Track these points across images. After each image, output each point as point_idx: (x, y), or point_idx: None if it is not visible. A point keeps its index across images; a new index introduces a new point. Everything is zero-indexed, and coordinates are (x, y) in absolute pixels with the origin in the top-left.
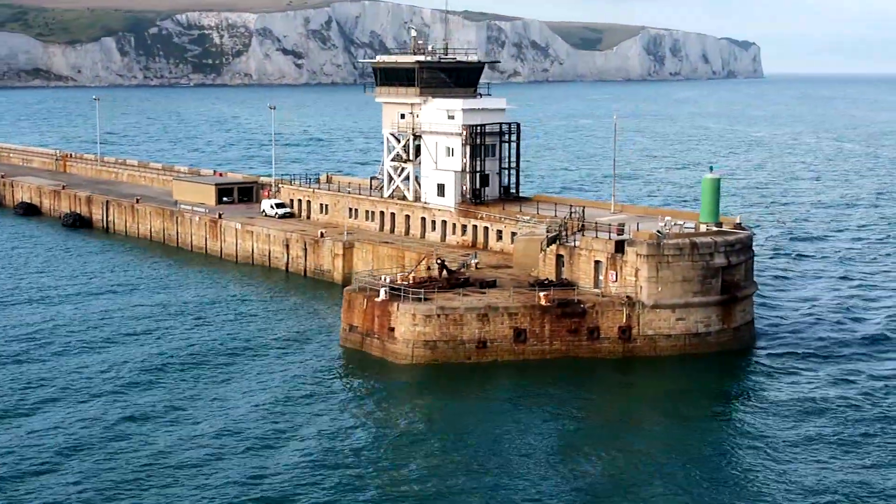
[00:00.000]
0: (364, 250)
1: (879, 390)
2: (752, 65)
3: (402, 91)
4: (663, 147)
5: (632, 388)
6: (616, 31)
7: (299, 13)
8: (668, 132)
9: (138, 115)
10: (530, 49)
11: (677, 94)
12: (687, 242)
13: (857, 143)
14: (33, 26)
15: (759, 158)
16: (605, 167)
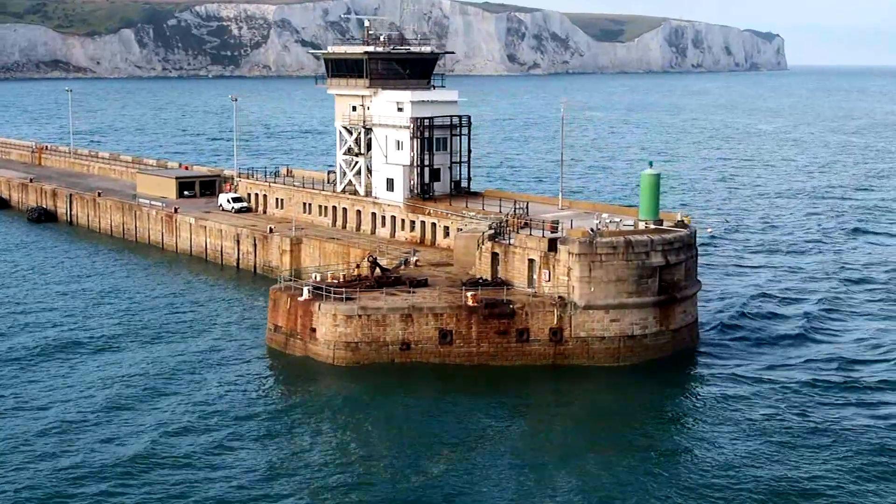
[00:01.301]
0: (311, 246)
1: (825, 395)
2: (776, 57)
3: (352, 83)
4: (645, 139)
5: (562, 392)
6: (638, 23)
7: (318, 4)
8: (667, 124)
9: (143, 106)
10: (550, 41)
11: (695, 86)
12: (621, 241)
13: (859, 136)
14: (52, 18)
15: (741, 151)
16: (589, 159)
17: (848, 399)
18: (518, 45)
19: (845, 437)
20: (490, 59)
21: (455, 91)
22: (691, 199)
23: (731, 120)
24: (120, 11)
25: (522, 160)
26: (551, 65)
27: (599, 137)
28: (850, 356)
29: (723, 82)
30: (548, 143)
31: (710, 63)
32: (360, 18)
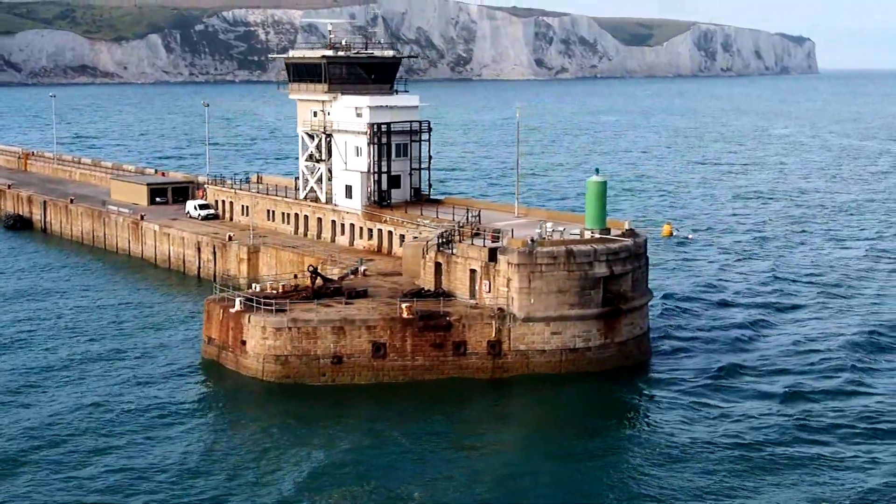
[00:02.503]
0: (268, 255)
1: (777, 413)
2: (807, 60)
3: (312, 87)
4: (645, 144)
5: (500, 408)
6: (667, 27)
7: (345, 9)
8: (678, 128)
9: (160, 110)
10: (578, 45)
11: (719, 91)
12: (562, 250)
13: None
14: (81, 23)
15: (745, 156)
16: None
17: (797, 418)
18: (546, 49)
19: (794, 457)
20: (517, 63)
21: (416, 96)
22: (676, 205)
23: (747, 124)
24: (147, 17)
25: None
26: (579, 69)
27: (598, 142)
28: (805, 370)
29: (748, 87)
30: (545, 148)
31: (739, 67)
32: (322, 23)
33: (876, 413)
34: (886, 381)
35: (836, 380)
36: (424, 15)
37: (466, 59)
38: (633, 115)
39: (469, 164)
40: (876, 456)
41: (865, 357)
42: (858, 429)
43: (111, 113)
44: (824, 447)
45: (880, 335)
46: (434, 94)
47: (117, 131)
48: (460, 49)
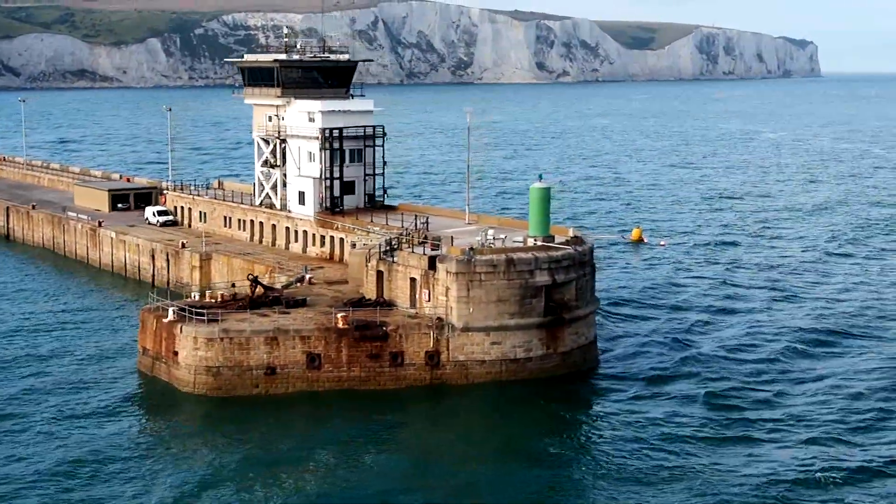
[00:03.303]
0: (220, 262)
1: (720, 422)
2: (809, 64)
3: (265, 92)
4: (624, 147)
5: (438, 420)
6: (668, 30)
7: (345, 13)
8: (667, 132)
9: (150, 115)
10: (580, 49)
11: (718, 95)
12: (502, 259)
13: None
14: (80, 28)
15: (730, 160)
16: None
17: (746, 432)
18: (547, 53)
19: (735, 468)
20: (518, 67)
21: (370, 100)
22: (649, 209)
23: (738, 128)
24: (147, 21)
25: (491, 171)
26: (581, 73)
27: (582, 145)
28: (752, 378)
29: (748, 89)
30: (524, 153)
31: (741, 70)
32: (276, 25)
33: (816, 419)
34: (830, 384)
35: (780, 385)
36: (425, 18)
37: (467, 62)
38: (625, 118)
39: (444, 167)
40: (814, 462)
41: (810, 363)
42: (797, 433)
43: (103, 118)
44: (762, 452)
45: (829, 341)
46: (433, 98)
47: (105, 136)
48: (461, 53)
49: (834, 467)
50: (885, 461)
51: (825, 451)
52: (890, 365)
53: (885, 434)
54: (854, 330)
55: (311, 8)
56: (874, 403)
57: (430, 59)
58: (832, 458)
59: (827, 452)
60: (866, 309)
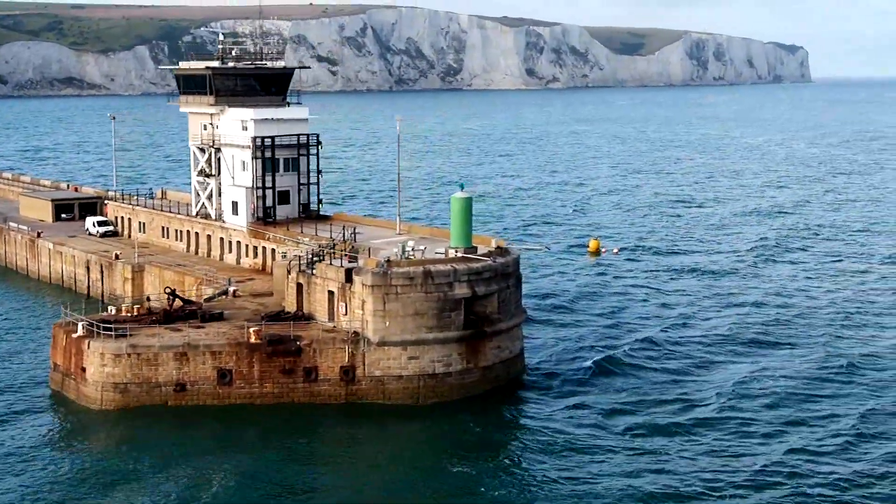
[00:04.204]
0: (152, 274)
1: (648, 447)
2: (800, 69)
3: (199, 100)
4: (597, 153)
5: (353, 438)
6: (658, 36)
7: (334, 20)
8: (650, 138)
9: (125, 125)
10: (569, 55)
11: (704, 100)
12: (419, 271)
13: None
14: (68, 35)
15: (703, 166)
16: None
17: (666, 444)
18: (537, 59)
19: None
20: (508, 73)
21: (305, 108)
22: (612, 219)
23: (717, 133)
24: (135, 28)
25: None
26: (570, 79)
27: (556, 152)
28: (687, 399)
29: (736, 95)
30: (493, 159)
31: (732, 76)
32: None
33: (739, 427)
34: (753, 390)
35: (704, 394)
36: (414, 25)
37: (457, 69)
38: (608, 123)
39: (423, 174)
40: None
41: (737, 369)
42: (717, 442)
43: (84, 125)
44: (682, 465)
45: (755, 347)
46: (422, 104)
47: (78, 144)
48: (450, 59)
49: (759, 475)
50: (791, 471)
51: (748, 458)
52: (808, 372)
53: (796, 441)
54: (783, 337)
55: (301, 15)
56: (792, 412)
57: (420, 65)
58: (752, 466)
59: (752, 461)
60: (797, 316)
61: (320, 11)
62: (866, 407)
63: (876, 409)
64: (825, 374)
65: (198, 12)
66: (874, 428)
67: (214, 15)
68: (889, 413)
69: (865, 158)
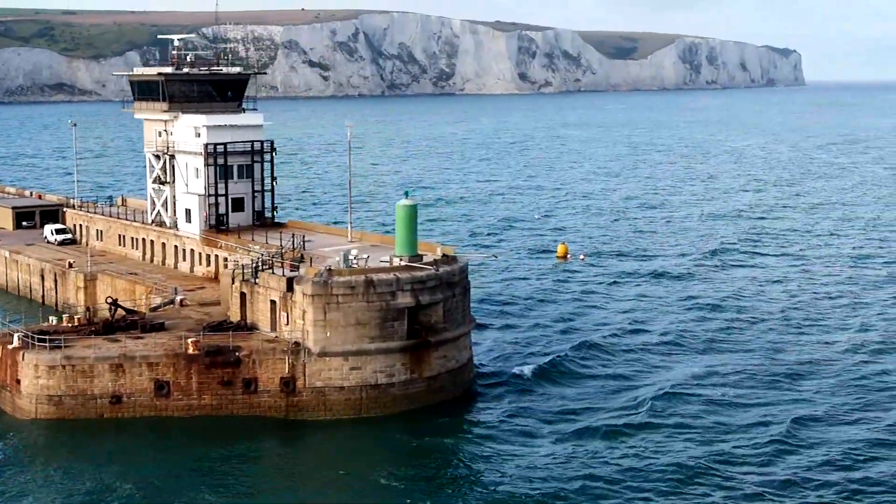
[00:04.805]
0: (105, 283)
1: (595, 457)
2: (793, 73)
3: (153, 106)
4: (578, 158)
5: (292, 451)
6: (651, 40)
7: (326, 25)
8: (628, 141)
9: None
10: (562, 59)
11: (694, 104)
12: (360, 280)
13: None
14: (59, 41)
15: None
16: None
17: (626, 464)
18: (529, 63)
19: None
20: (501, 77)
21: (260, 114)
22: (583, 224)
23: (703, 136)
24: (126, 34)
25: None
26: (563, 83)
27: (538, 157)
28: (637, 409)
29: (728, 99)
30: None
31: (725, 79)
32: (169, 38)
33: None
34: (704, 398)
35: (660, 412)
36: (406, 30)
37: (449, 73)
38: (594, 128)
39: (398, 180)
40: None
41: (689, 373)
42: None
43: (69, 131)
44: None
45: (713, 353)
46: (411, 109)
47: (60, 151)
48: (443, 64)
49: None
50: (720, 474)
51: (687, 461)
52: (750, 377)
53: (727, 446)
54: (733, 342)
55: (292, 20)
56: (728, 418)
57: (412, 70)
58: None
59: (690, 465)
60: (749, 321)
61: (312, 17)
62: (802, 413)
63: (812, 415)
64: (767, 379)
65: (189, 18)
66: (807, 435)
67: (206, 20)
68: (822, 420)
69: (846, 161)
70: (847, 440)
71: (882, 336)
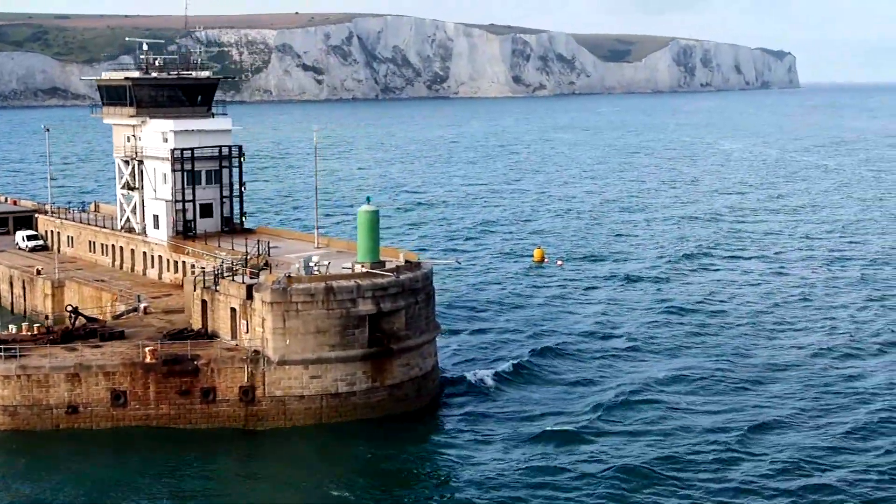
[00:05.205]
0: (72, 290)
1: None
2: (788, 75)
3: (121, 111)
4: (565, 162)
5: (251, 462)
6: (645, 43)
7: (320, 29)
8: (613, 144)
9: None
10: (556, 62)
11: (686, 106)
12: (320, 287)
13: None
14: (52, 45)
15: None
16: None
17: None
18: (523, 66)
19: None
20: (495, 80)
21: (228, 119)
22: (561, 228)
23: (691, 139)
24: (120, 38)
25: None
26: (557, 86)
27: (523, 161)
28: (602, 417)
29: (721, 100)
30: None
31: (719, 82)
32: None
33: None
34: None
35: (625, 417)
36: (400, 33)
37: (443, 76)
38: (584, 132)
39: (382, 184)
40: None
41: (660, 387)
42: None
43: (61, 135)
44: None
45: (678, 357)
46: (404, 112)
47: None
48: (437, 67)
49: None
50: (675, 476)
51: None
52: (711, 380)
53: (683, 451)
54: (699, 344)
55: (286, 24)
56: (686, 421)
57: (406, 73)
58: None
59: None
60: (716, 323)
61: (306, 20)
62: (762, 419)
63: (772, 421)
64: (731, 384)
65: (183, 21)
66: (765, 440)
67: (200, 24)
68: (781, 426)
69: (832, 163)
70: (806, 446)
71: (849, 340)
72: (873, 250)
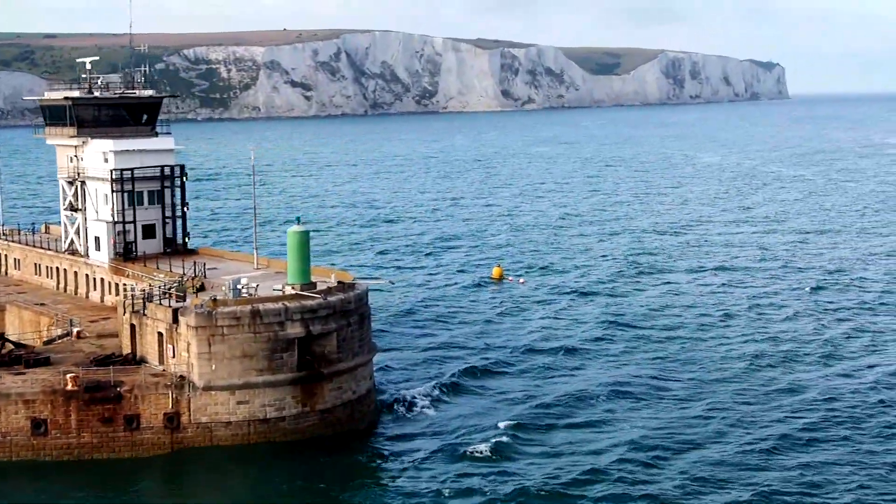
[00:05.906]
0: (13, 314)
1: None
2: (777, 86)
3: (62, 131)
4: (539, 177)
5: (179, 491)
6: (634, 55)
7: (308, 45)
8: (593, 157)
9: None
10: (545, 76)
11: (674, 119)
12: (246, 310)
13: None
14: (40, 65)
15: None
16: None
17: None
18: (512, 80)
19: None
20: (484, 95)
21: (171, 139)
22: (522, 245)
23: (672, 151)
24: (108, 56)
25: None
26: (546, 100)
27: (497, 175)
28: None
29: (708, 112)
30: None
31: (708, 94)
32: (81, 61)
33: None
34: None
35: (558, 434)
36: (389, 49)
37: (432, 91)
38: (564, 146)
39: (350, 201)
40: None
41: (591, 401)
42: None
43: (44, 153)
44: None
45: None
46: (396, 127)
47: (23, 177)
48: (426, 82)
49: None
50: None
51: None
52: (655, 392)
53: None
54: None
55: (274, 41)
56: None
57: (395, 88)
58: None
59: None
60: (660, 337)
61: (294, 37)
62: (691, 433)
63: (705, 433)
64: (669, 394)
65: (171, 39)
66: (687, 456)
67: (187, 42)
68: (709, 436)
69: (806, 173)
70: (733, 462)
71: (793, 350)
72: (828, 259)
